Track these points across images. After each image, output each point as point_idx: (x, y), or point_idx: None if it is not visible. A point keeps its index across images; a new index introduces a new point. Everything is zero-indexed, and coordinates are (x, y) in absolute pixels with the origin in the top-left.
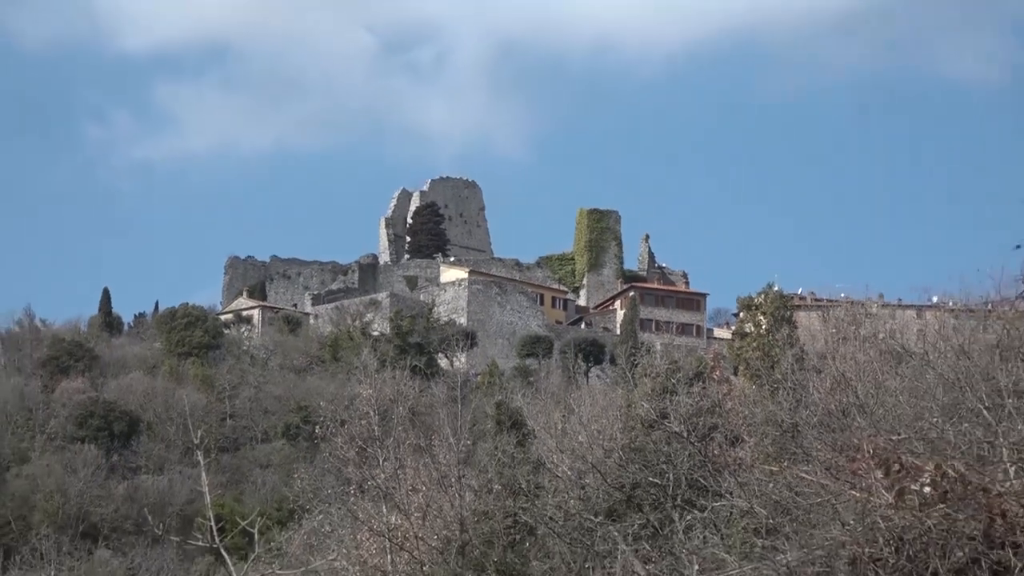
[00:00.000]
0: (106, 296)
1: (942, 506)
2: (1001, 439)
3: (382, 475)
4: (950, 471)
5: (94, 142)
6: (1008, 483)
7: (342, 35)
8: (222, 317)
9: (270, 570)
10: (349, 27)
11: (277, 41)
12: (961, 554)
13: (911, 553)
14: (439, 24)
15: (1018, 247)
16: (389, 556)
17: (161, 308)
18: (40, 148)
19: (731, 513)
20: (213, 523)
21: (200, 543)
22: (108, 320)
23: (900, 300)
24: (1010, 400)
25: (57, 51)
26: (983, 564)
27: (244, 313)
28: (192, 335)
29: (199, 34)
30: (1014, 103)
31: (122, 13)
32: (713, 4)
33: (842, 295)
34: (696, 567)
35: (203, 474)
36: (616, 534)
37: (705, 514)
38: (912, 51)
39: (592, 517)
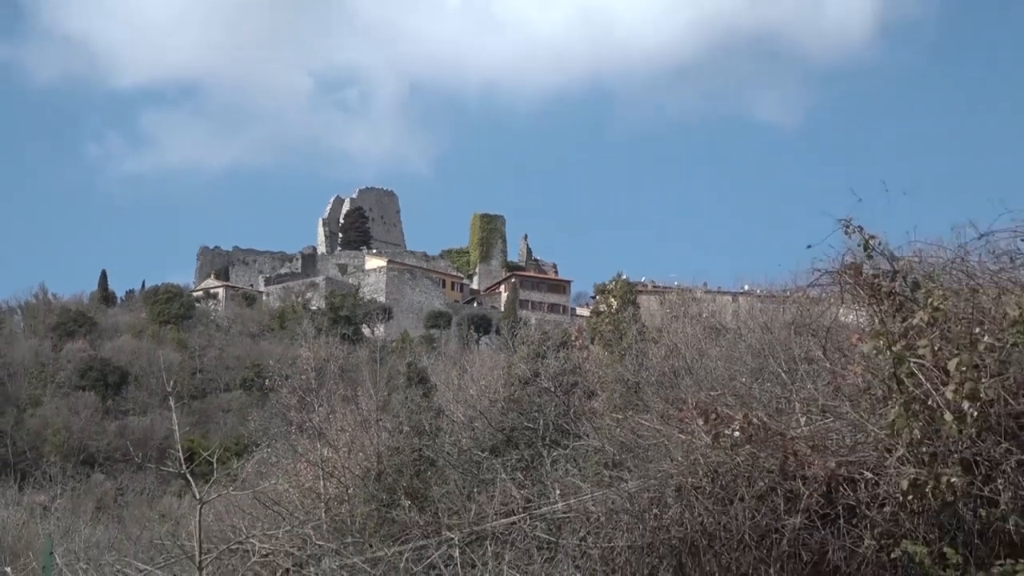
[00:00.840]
0: (103, 276)
1: (748, 447)
2: (794, 395)
3: (317, 418)
4: (754, 419)
5: (93, 157)
6: (799, 429)
7: (288, 77)
8: (194, 294)
9: (226, 491)
10: (293, 71)
11: (236, 80)
12: (762, 483)
13: (723, 483)
14: (362, 70)
15: (809, 247)
16: (322, 482)
17: (147, 286)
18: (51, 161)
19: (587, 451)
20: (182, 454)
21: (172, 469)
22: (105, 295)
23: (719, 287)
24: (802, 365)
25: (66, 85)
26: (779, 491)
27: (211, 291)
28: (170, 307)
29: (176, 74)
30: (805, 139)
31: (116, 57)
32: (578, 54)
33: (675, 283)
34: (558, 492)
35: (174, 416)
36: (498, 466)
37: (567, 451)
38: (731, 98)
39: (479, 452)
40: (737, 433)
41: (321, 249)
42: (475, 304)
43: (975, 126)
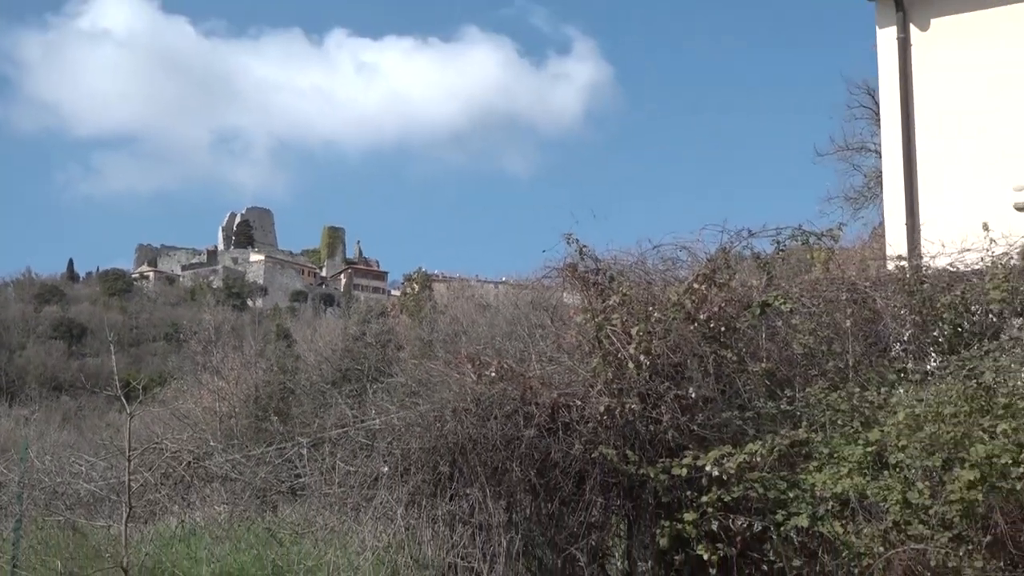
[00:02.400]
0: (71, 263)
1: (500, 383)
2: (531, 349)
3: (214, 360)
4: (505, 365)
5: (60, 181)
6: (534, 372)
7: (194, 131)
8: (133, 276)
9: (149, 409)
10: (198, 127)
11: (159, 132)
12: (508, 407)
13: (483, 407)
14: (245, 128)
15: (544, 251)
16: (217, 403)
17: (100, 270)
18: (30, 183)
19: (395, 385)
20: (118, 383)
21: (112, 394)
22: (71, 275)
23: (486, 277)
24: (537, 330)
25: (40, 133)
26: (520, 413)
27: (144, 274)
28: (116, 285)
29: (118, 128)
30: (537, 184)
31: (76, 115)
32: (389, 122)
33: (458, 274)
34: (374, 411)
35: (113, 357)
36: (336, 394)
37: (382, 385)
38: (488, 156)
39: (324, 385)
40: (493, 374)
41: (220, 247)
42: (323, 287)
43: (644, 178)
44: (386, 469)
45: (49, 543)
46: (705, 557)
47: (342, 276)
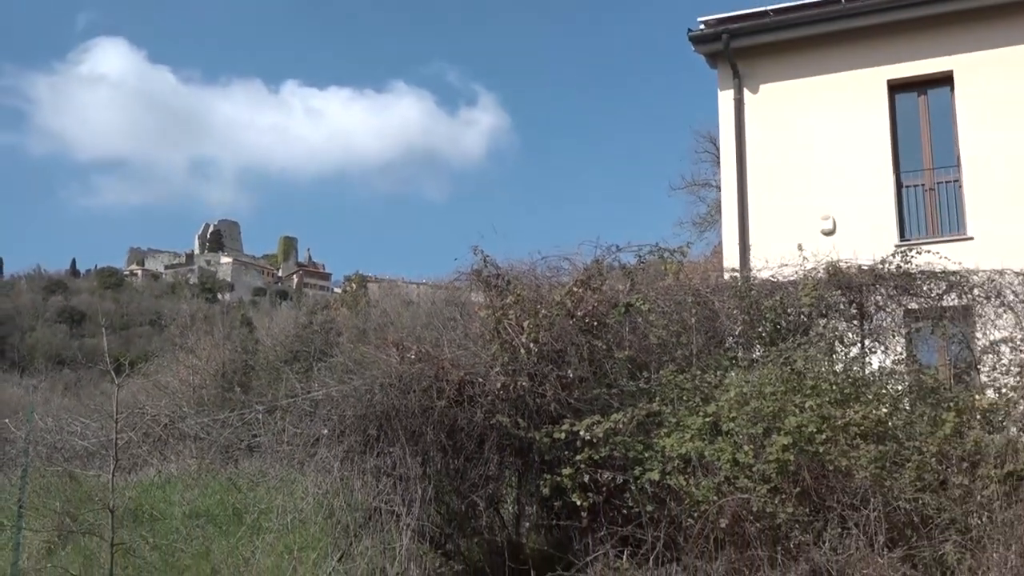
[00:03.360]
0: (73, 261)
1: (419, 363)
2: (444, 337)
3: (190, 341)
4: (423, 349)
5: (63, 198)
6: (446, 355)
7: (174, 157)
8: (125, 273)
9: (135, 380)
10: (176, 154)
11: (146, 157)
12: (425, 383)
13: (405, 383)
14: (216, 156)
15: (456, 260)
16: (191, 376)
17: (97, 267)
18: (42, 198)
19: (336, 364)
20: (109, 360)
21: (103, 368)
22: (74, 271)
23: (411, 279)
24: (449, 322)
25: (49, 158)
26: (434, 388)
27: (134, 271)
28: (110, 280)
29: (112, 152)
30: (451, 208)
31: (78, 142)
32: (333, 153)
33: (388, 276)
34: (317, 385)
35: (104, 338)
36: (288, 370)
37: (325, 364)
38: (411, 184)
39: (279, 363)
40: (413, 356)
41: (196, 251)
42: (279, 284)
43: (533, 202)
44: (325, 431)
45: (50, 488)
46: (578, 503)
47: (294, 276)
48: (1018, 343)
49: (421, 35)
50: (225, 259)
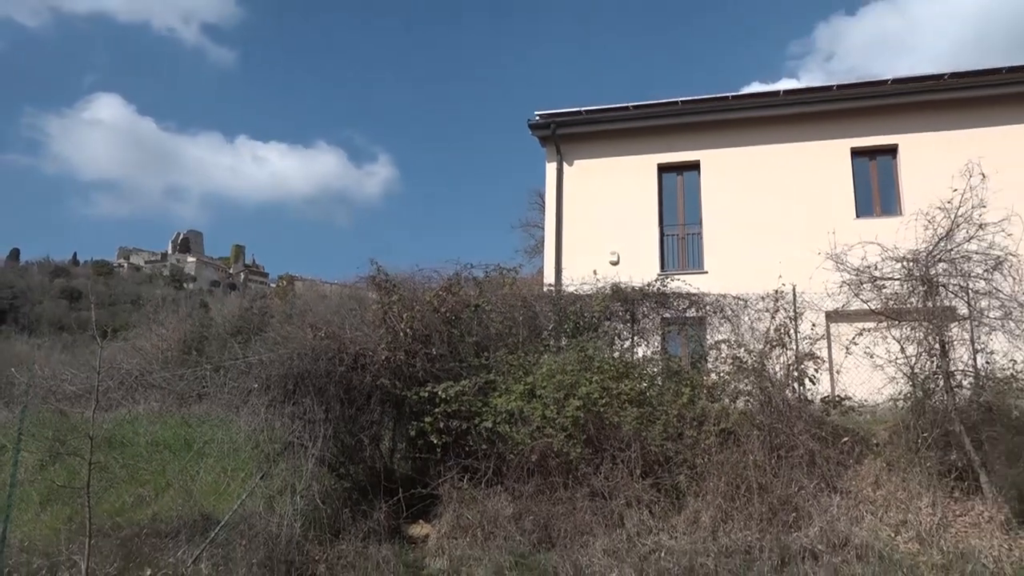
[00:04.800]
0: (75, 255)
1: (327, 340)
2: (347, 323)
3: (161, 316)
4: (330, 330)
5: (69, 208)
6: (347, 334)
7: (152, 184)
8: (115, 265)
9: (116, 344)
10: (156, 182)
11: (133, 181)
12: (331, 353)
13: (316, 353)
14: (185, 185)
15: (358, 268)
16: (160, 343)
17: (94, 259)
18: (50, 209)
19: (270, 339)
20: (95, 327)
21: (92, 333)
22: (75, 262)
23: (328, 280)
24: (351, 312)
25: (58, 176)
26: (336, 357)
27: (121, 264)
28: (103, 269)
29: (107, 176)
30: (354, 231)
31: (80, 166)
32: (268, 187)
33: (309, 276)
34: (251, 353)
35: (93, 311)
36: (233, 341)
37: (262, 337)
38: (328, 212)
39: (226, 335)
40: (323, 334)
41: (169, 251)
42: (230, 279)
43: (415, 231)
44: (256, 386)
45: (44, 421)
46: (435, 442)
47: (241, 274)
48: (732, 343)
49: (338, 108)
50: (191, 259)
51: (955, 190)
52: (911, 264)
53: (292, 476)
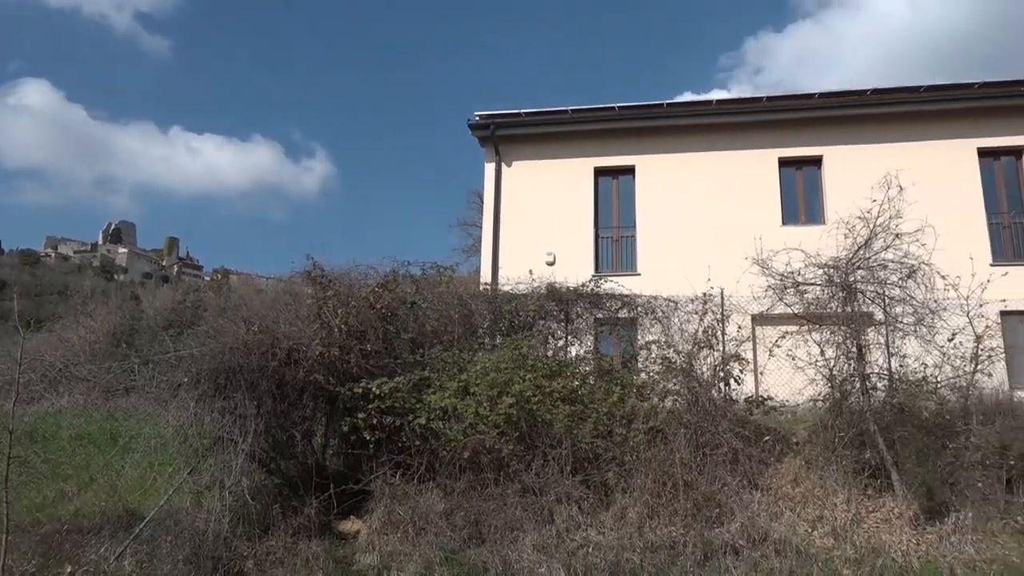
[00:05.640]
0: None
1: (261, 335)
2: (281, 317)
3: (90, 308)
4: (264, 324)
5: None
6: (280, 328)
7: (82, 172)
8: (42, 254)
9: (41, 336)
10: (84, 170)
11: (61, 170)
12: (264, 348)
13: (250, 347)
14: (120, 176)
15: (293, 263)
16: (88, 335)
17: (19, 248)
18: None
19: (201, 332)
20: (18, 319)
21: (14, 325)
22: (0, 251)
23: (262, 274)
24: (286, 307)
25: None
26: (269, 352)
27: (49, 253)
28: (30, 258)
29: (33, 164)
30: (289, 226)
31: (7, 154)
32: (206, 180)
33: (245, 270)
34: (183, 346)
35: (15, 301)
36: (164, 334)
37: (193, 331)
38: (263, 206)
39: (158, 328)
40: (256, 329)
41: (100, 242)
42: (163, 271)
43: (352, 226)
44: (185, 380)
45: None
46: (368, 438)
47: (175, 266)
48: (662, 344)
49: (276, 102)
50: (122, 250)
51: (874, 201)
52: (832, 271)
53: (221, 471)
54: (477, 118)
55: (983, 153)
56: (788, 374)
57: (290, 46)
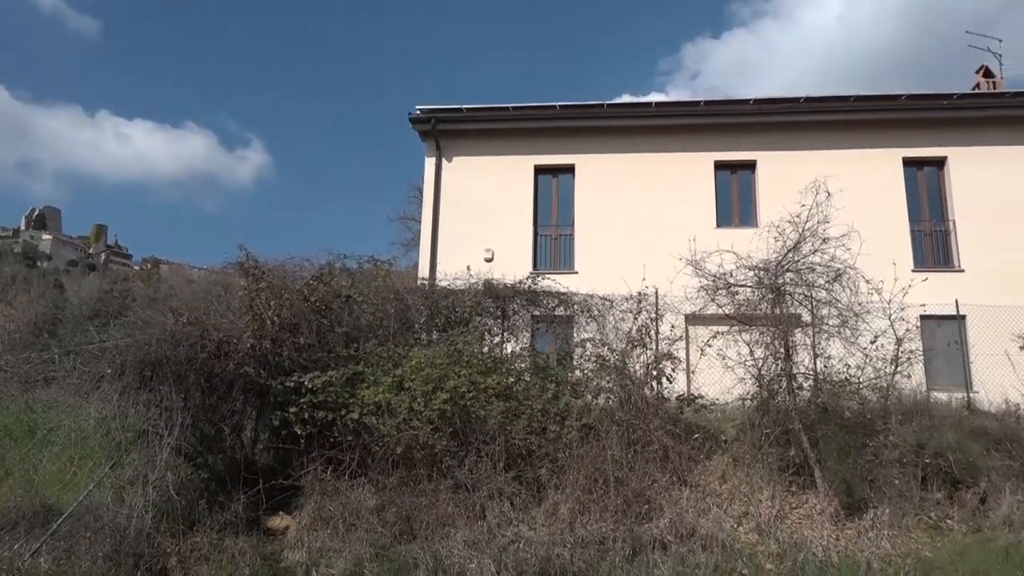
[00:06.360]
0: None
1: (190, 326)
2: (212, 308)
3: (9, 296)
4: (193, 315)
5: None
6: (211, 321)
7: (5, 155)
8: None
9: None
10: (5, 152)
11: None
12: (193, 339)
13: (177, 339)
14: (40, 159)
15: (225, 253)
16: (7, 323)
17: None
18: None
19: (128, 323)
20: None
21: None
22: None
23: (194, 264)
24: (218, 298)
25: None
26: (198, 343)
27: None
28: None
29: None
30: (222, 217)
31: None
32: (135, 167)
33: (176, 260)
34: (107, 337)
35: None
36: (89, 324)
37: (121, 321)
38: (195, 196)
39: (82, 317)
40: (185, 319)
41: (23, 228)
42: (90, 260)
43: (287, 219)
44: (109, 371)
45: None
46: (299, 433)
47: (103, 255)
48: (597, 341)
49: (210, 89)
50: (46, 236)
51: (803, 206)
52: (762, 273)
53: (145, 466)
54: (418, 112)
55: (908, 162)
56: (719, 373)
57: (226, 32)
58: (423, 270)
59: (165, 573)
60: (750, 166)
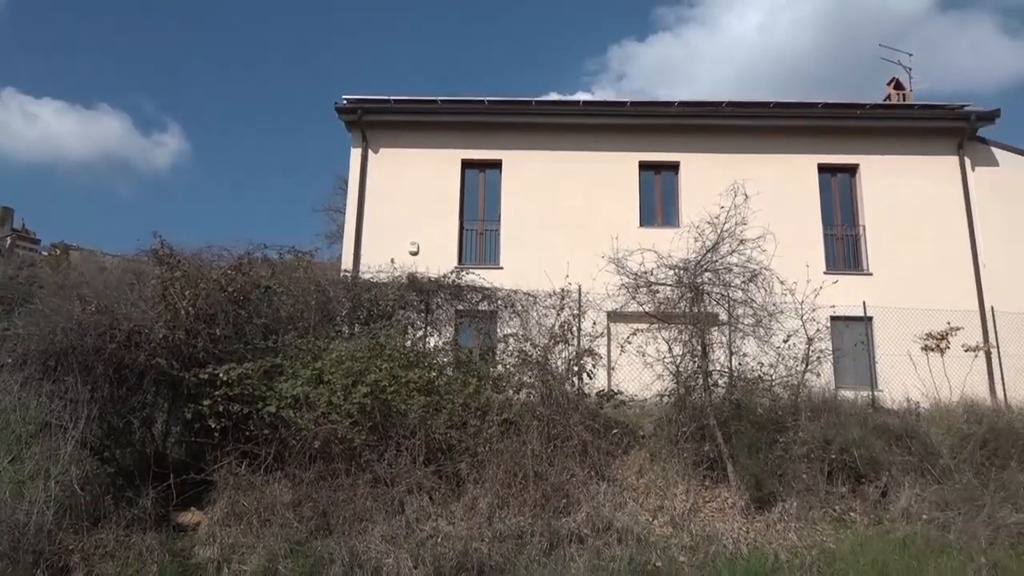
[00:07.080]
0: None
1: (98, 315)
2: (123, 298)
3: None
4: (102, 304)
5: None
6: (121, 310)
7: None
8: None
9: None
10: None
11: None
12: (102, 329)
13: (84, 328)
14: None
15: (139, 240)
16: None
17: None
18: None
19: (34, 311)
20: None
21: None
22: None
23: (106, 251)
24: (130, 286)
25: None
26: (108, 334)
27: None
28: None
29: None
30: (137, 203)
31: None
32: (44, 149)
33: (88, 247)
34: (8, 324)
35: None
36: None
37: (25, 309)
38: (109, 180)
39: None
40: (93, 308)
41: None
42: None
43: (205, 207)
44: (9, 360)
45: None
46: (213, 426)
47: (8, 239)
48: (520, 337)
49: (126, 70)
50: (2, 232)
51: (722, 207)
52: (682, 272)
53: (47, 460)
54: (345, 102)
55: (822, 169)
56: (638, 370)
57: (145, 10)
58: (347, 262)
59: (67, 571)
60: (674, 167)
